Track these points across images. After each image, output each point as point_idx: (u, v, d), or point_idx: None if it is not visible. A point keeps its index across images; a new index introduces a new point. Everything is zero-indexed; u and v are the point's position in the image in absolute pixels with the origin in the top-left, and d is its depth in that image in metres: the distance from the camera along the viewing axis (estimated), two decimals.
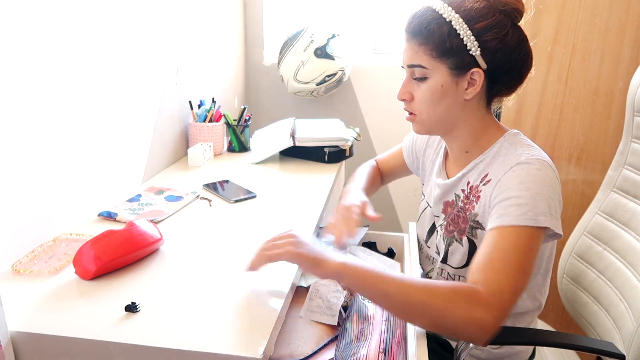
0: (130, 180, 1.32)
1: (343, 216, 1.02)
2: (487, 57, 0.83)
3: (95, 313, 0.77)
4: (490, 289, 0.71)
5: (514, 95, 0.93)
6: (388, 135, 2.27)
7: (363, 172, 1.24)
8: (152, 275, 0.88)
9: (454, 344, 1.04)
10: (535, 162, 0.82)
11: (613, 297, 1.05)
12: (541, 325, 1.29)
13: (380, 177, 1.30)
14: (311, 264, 0.78)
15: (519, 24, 0.87)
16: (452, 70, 0.85)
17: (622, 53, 1.47)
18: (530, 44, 0.88)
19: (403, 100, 0.92)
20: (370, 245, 1.25)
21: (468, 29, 0.82)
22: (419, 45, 0.85)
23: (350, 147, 1.62)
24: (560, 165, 1.60)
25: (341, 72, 2.03)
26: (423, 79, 0.87)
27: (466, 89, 0.86)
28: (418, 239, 1.12)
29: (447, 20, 0.82)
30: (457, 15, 0.82)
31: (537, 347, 1.11)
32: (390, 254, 1.22)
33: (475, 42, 0.82)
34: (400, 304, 0.73)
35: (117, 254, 0.88)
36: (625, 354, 0.95)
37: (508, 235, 0.77)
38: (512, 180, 0.82)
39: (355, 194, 1.11)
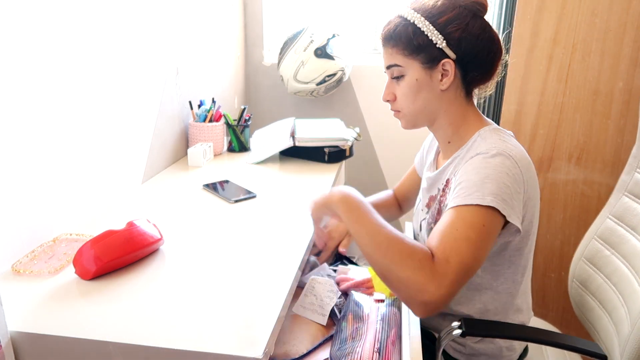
0: (130, 180, 1.33)
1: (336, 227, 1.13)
2: (453, 47, 0.91)
3: (95, 313, 0.77)
4: (437, 258, 0.75)
5: (492, 83, 0.99)
6: (388, 135, 2.28)
7: (376, 195, 1.32)
8: (152, 275, 0.88)
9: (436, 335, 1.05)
10: (493, 152, 0.86)
11: (616, 302, 1.04)
12: (541, 324, 1.28)
13: (397, 203, 1.33)
14: (322, 207, 0.92)
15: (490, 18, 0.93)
16: (424, 64, 0.92)
17: (622, 53, 1.47)
18: (500, 34, 0.96)
19: (387, 101, 1.00)
20: None
21: (430, 25, 0.90)
22: (392, 47, 0.94)
23: (350, 147, 1.62)
24: (560, 165, 1.60)
25: (341, 72, 2.03)
26: (400, 77, 0.95)
27: (441, 80, 0.93)
28: (414, 234, 1.14)
29: (411, 21, 0.91)
30: (418, 15, 0.91)
31: (530, 348, 1.10)
32: None
33: (440, 36, 0.90)
34: (367, 242, 0.80)
35: (117, 254, 0.88)
36: (607, 354, 0.94)
37: (457, 213, 0.81)
38: (466, 167, 0.87)
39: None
